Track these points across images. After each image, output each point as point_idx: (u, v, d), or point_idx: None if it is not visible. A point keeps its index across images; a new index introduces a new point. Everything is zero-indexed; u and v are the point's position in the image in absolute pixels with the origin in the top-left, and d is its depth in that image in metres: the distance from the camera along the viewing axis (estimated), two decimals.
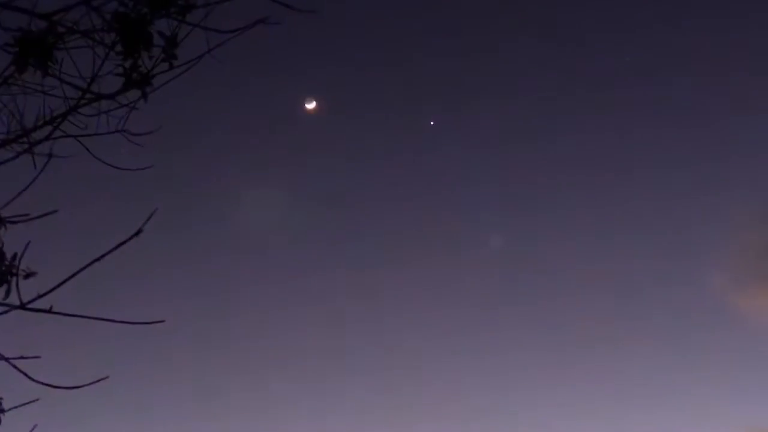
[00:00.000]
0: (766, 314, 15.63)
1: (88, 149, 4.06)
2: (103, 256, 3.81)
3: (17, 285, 3.72)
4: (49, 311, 3.78)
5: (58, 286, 3.77)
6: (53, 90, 3.92)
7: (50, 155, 3.93)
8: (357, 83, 16.51)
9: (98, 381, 3.90)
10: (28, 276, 3.79)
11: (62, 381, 3.83)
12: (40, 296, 3.77)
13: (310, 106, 15.51)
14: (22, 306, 3.75)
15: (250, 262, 16.41)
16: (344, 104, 16.34)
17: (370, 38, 16.47)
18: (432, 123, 16.18)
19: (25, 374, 3.76)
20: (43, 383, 3.78)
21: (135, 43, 3.81)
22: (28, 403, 3.94)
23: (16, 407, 3.88)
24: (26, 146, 3.94)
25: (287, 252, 16.52)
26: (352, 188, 16.64)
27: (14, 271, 3.72)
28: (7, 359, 3.74)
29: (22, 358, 3.78)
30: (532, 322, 16.24)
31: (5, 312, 3.74)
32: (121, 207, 15.05)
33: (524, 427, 15.66)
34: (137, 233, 3.82)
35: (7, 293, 3.73)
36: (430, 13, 16.39)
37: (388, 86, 16.43)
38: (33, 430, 4.04)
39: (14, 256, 3.74)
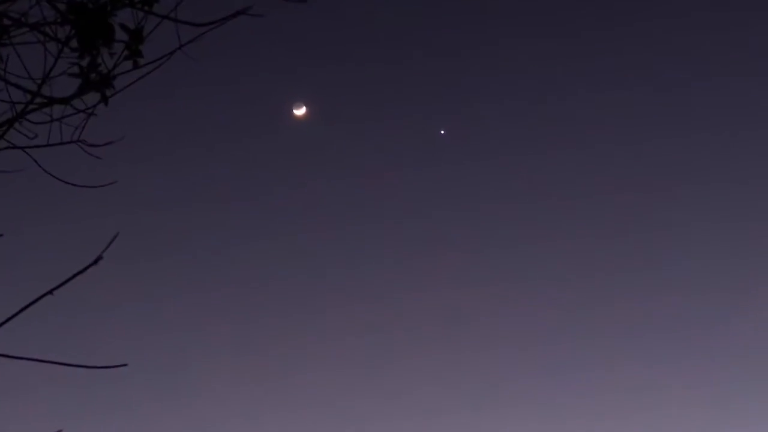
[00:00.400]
0: None
1: (37, 162, 4.01)
2: (56, 288, 3.75)
3: None
4: None
5: (4, 323, 3.71)
6: None
7: None
8: (352, 86, 16.46)
9: None
10: None
11: None
12: None
13: (300, 111, 15.48)
14: None
15: (225, 293, 16.32)
16: (338, 110, 16.29)
17: (368, 34, 16.44)
18: (443, 132, 16.12)
19: None
20: None
21: (93, 38, 3.77)
22: None
23: None
24: None
25: (269, 282, 16.40)
26: (347, 206, 16.57)
27: None
28: None
29: None
30: (568, 352, 16.17)
31: None
32: (77, 230, 14.99)
33: None
34: (96, 261, 3.76)
35: None
36: (431, 7, 16.36)
37: (390, 90, 16.38)
38: None
39: None
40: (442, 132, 16.15)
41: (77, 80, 3.83)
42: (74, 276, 3.74)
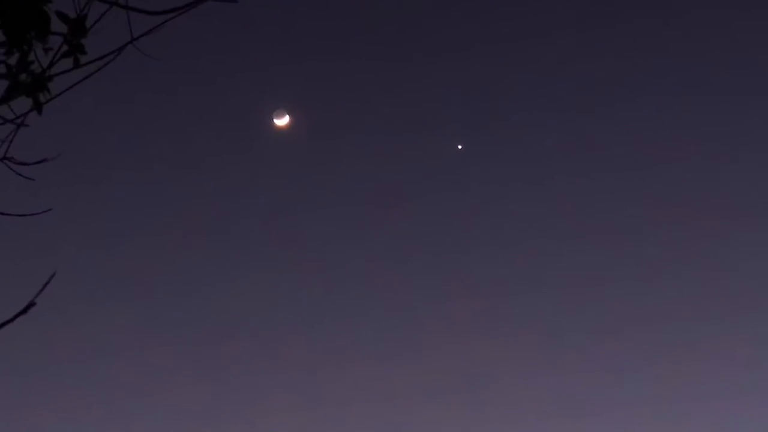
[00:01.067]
0: None
1: None
2: None
3: None
4: None
5: None
6: None
7: None
8: (345, 90, 16.49)
9: None
10: None
11: None
12: None
13: (281, 121, 15.50)
14: None
15: (192, 347, 16.29)
16: (327, 120, 16.31)
17: (366, 26, 16.47)
18: (460, 147, 16.13)
19: None
20: None
21: (24, 30, 3.76)
22: None
23: None
24: None
25: (243, 331, 16.37)
26: (340, 237, 16.56)
27: None
28: None
29: None
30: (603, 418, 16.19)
31: None
32: (4, 269, 14.97)
33: None
34: (28, 308, 3.75)
35: None
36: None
37: (392, 94, 16.40)
38: None
39: None
40: (460, 147, 16.16)
41: (4, 82, 3.83)
42: (2, 325, 3.73)
